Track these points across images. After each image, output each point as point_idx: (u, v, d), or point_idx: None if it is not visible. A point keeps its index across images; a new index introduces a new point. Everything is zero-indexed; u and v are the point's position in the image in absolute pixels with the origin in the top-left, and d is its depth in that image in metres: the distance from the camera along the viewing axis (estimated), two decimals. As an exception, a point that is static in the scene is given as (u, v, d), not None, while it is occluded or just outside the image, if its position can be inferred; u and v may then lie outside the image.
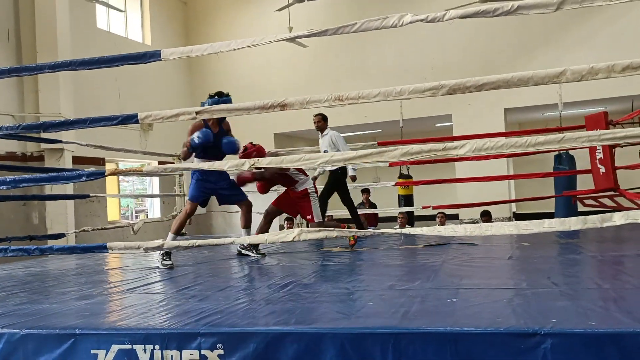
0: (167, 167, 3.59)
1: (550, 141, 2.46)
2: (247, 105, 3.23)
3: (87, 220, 9.87)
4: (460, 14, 2.68)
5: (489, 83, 2.56)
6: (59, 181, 3.88)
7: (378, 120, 12.00)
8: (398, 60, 11.93)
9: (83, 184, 9.23)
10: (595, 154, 7.07)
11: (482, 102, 10.99)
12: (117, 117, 3.18)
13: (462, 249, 4.71)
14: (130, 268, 4.83)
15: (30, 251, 3.51)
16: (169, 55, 3.15)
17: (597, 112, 7.41)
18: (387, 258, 4.70)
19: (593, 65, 2.34)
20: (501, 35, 11.17)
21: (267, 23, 12.51)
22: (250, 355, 2.25)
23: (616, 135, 2.41)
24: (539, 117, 13.07)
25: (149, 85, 12.11)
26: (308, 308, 2.77)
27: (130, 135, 11.19)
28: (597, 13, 10.29)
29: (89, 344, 2.38)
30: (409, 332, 2.16)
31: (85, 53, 8.03)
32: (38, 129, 3.66)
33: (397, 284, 3.22)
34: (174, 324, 2.46)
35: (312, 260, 4.65)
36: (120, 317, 2.77)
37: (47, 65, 3.49)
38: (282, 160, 3.12)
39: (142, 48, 12.01)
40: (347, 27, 2.92)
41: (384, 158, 2.79)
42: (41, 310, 2.99)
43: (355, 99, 2.83)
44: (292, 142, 13.55)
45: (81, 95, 10.05)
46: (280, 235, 3.09)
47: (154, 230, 10.31)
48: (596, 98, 10.42)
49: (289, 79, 12.62)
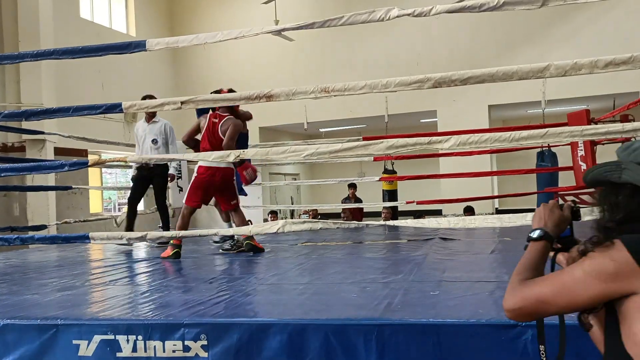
0: (151, 157, 3.57)
1: (533, 136, 2.49)
2: (232, 96, 3.22)
3: (69, 212, 9.76)
4: (447, 9, 2.70)
5: (474, 77, 2.58)
6: (41, 171, 3.84)
7: (363, 116, 12.02)
8: (384, 56, 11.95)
9: (65, 175, 9.11)
10: (577, 151, 7.16)
11: (467, 99, 11.07)
12: (101, 106, 3.15)
13: (444, 244, 4.75)
14: (112, 260, 4.79)
15: (11, 241, 3.47)
16: (154, 45, 3.12)
17: (579, 110, 7.50)
18: (370, 251, 4.72)
19: (577, 60, 2.37)
20: (486, 32, 11.25)
21: (253, 16, 12.44)
22: (234, 346, 2.25)
23: (598, 131, 2.44)
24: (523, 114, 13.19)
25: (132, 78, 11.97)
26: (292, 299, 2.78)
27: (113, 127, 11.06)
28: (580, 11, 10.40)
29: (71, 334, 2.36)
30: (392, 324, 2.18)
31: (68, 43, 7.89)
32: (20, 117, 3.61)
33: (381, 277, 3.23)
34: (157, 314, 2.45)
35: (296, 254, 4.65)
36: (103, 308, 2.75)
37: (30, 53, 3.44)
38: (268, 152, 3.12)
39: (126, 39, 11.86)
40: (334, 20, 2.92)
41: (370, 151, 2.80)
42: (22, 300, 2.96)
43: (342, 90, 2.83)
44: (277, 135, 13.51)
45: (64, 87, 9.91)
46: (265, 227, 3.09)
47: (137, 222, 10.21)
48: (579, 96, 10.54)
49: (274, 73, 12.57)
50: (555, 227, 1.40)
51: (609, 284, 1.17)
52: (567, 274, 1.25)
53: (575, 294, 1.21)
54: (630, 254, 1.15)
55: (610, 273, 1.16)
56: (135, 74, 12.07)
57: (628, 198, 1.24)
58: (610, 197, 1.27)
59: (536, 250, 1.37)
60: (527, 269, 1.33)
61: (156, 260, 4.62)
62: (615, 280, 1.16)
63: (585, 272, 1.20)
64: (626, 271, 1.15)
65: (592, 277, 1.18)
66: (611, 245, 1.19)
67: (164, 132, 5.62)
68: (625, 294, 1.16)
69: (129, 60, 10.79)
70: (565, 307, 1.24)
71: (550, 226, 1.39)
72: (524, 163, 10.56)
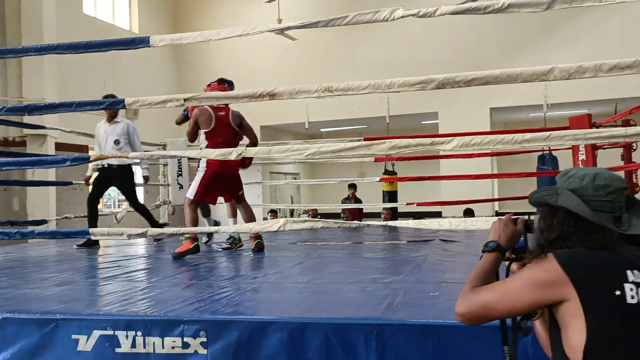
0: (153, 154, 3.56)
1: (536, 139, 2.48)
2: (235, 94, 3.22)
3: (68, 207, 9.75)
4: (452, 10, 2.69)
5: (478, 78, 2.58)
6: (43, 165, 3.83)
7: (364, 116, 12.03)
8: (387, 57, 11.95)
9: (65, 171, 9.12)
10: (578, 155, 7.16)
11: (469, 101, 11.07)
12: (104, 102, 3.15)
13: (444, 245, 4.75)
14: (112, 256, 4.79)
15: (11, 235, 3.47)
16: (158, 41, 3.12)
17: (581, 114, 7.50)
18: (370, 252, 4.73)
19: (581, 64, 2.37)
20: (489, 35, 11.25)
21: (257, 15, 12.44)
22: (233, 343, 2.25)
23: (601, 135, 2.44)
24: (524, 118, 13.20)
25: (135, 75, 11.98)
26: (292, 298, 2.78)
27: (114, 123, 11.06)
28: (584, 15, 10.40)
29: (70, 329, 2.36)
30: (393, 324, 2.17)
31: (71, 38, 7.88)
32: (22, 111, 3.60)
33: (381, 277, 3.23)
34: (156, 311, 2.45)
35: (296, 252, 4.65)
36: (102, 303, 2.75)
37: (33, 48, 3.43)
38: (270, 150, 3.12)
39: (129, 35, 11.86)
40: (339, 19, 2.91)
41: (372, 151, 2.79)
42: (21, 294, 2.96)
43: (345, 90, 2.83)
44: (278, 134, 13.52)
45: (65, 82, 9.91)
46: (265, 225, 3.08)
47: (137, 219, 10.21)
48: (580, 100, 10.55)
49: (276, 72, 12.58)
50: (508, 240, 1.55)
51: (542, 292, 1.33)
52: (508, 282, 1.41)
53: (514, 301, 1.36)
54: (561, 265, 1.32)
55: (544, 282, 1.33)
56: (138, 70, 12.07)
57: (562, 220, 1.40)
58: (547, 219, 1.44)
59: (489, 261, 1.54)
60: (479, 277, 1.50)
61: (155, 256, 4.63)
62: (548, 288, 1.32)
63: (523, 281, 1.36)
64: (557, 280, 1.31)
65: (529, 285, 1.35)
66: (545, 258, 1.36)
67: (126, 132, 5.41)
68: (558, 301, 1.32)
69: (132, 56, 10.77)
70: (506, 312, 1.40)
71: (503, 239, 1.55)
72: (525, 166, 10.56)
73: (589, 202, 1.38)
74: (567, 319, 1.31)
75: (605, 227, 1.37)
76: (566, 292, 1.30)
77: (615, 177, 1.43)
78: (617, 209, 1.40)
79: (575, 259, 1.34)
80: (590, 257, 1.34)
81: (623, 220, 1.39)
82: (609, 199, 1.39)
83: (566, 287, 1.30)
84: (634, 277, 1.30)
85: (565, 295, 1.30)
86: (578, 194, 1.40)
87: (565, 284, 1.30)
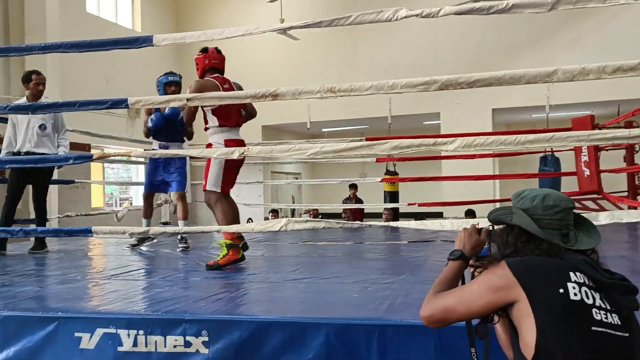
0: (156, 152, 3.57)
1: (539, 140, 2.48)
2: (238, 94, 3.22)
3: (70, 206, 9.76)
4: (455, 10, 2.69)
5: (481, 80, 2.58)
6: (46, 163, 3.84)
7: (366, 116, 12.02)
8: (389, 57, 11.94)
9: (68, 170, 9.10)
10: (581, 156, 7.16)
11: (471, 102, 11.05)
12: (107, 101, 3.15)
13: (445, 246, 4.74)
14: (113, 255, 4.80)
15: (14, 232, 3.48)
16: (161, 41, 3.12)
17: (584, 116, 7.49)
18: (371, 252, 4.73)
19: (584, 65, 2.37)
20: (492, 35, 11.24)
21: (259, 15, 12.44)
22: (235, 342, 2.25)
23: (605, 136, 2.44)
24: (527, 119, 13.18)
25: (136, 73, 11.97)
26: (293, 298, 2.78)
27: (116, 122, 11.06)
28: (587, 16, 10.38)
29: (73, 327, 2.37)
30: (394, 324, 2.18)
31: (74, 37, 7.90)
32: (26, 110, 3.61)
33: (382, 277, 3.23)
34: (158, 309, 2.45)
35: (297, 252, 4.65)
36: (104, 301, 2.76)
37: (37, 46, 3.44)
38: (272, 150, 3.12)
39: (132, 34, 11.86)
40: (342, 19, 2.91)
41: (374, 151, 2.80)
42: (23, 293, 2.96)
43: (347, 91, 2.83)
44: (280, 134, 13.52)
45: (67, 80, 9.92)
46: (267, 225, 3.08)
47: (138, 218, 10.20)
48: (583, 101, 10.53)
49: (278, 73, 12.57)
50: (471, 249, 1.68)
51: (495, 294, 1.46)
52: (466, 287, 1.56)
53: (471, 303, 1.50)
54: (511, 270, 1.46)
55: (497, 286, 1.47)
56: (139, 68, 12.07)
57: (515, 237, 1.55)
58: (503, 236, 1.58)
59: (453, 268, 1.67)
60: (442, 283, 1.63)
61: (156, 255, 4.63)
62: (500, 291, 1.46)
63: (479, 285, 1.51)
64: (508, 284, 1.45)
65: (484, 289, 1.49)
66: (498, 265, 1.52)
67: (53, 116, 4.74)
68: (510, 302, 1.45)
69: (133, 55, 10.76)
70: (465, 314, 1.53)
71: (467, 248, 1.68)
72: (527, 167, 10.55)
73: (538, 221, 1.53)
74: (520, 319, 1.43)
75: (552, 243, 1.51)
76: (516, 293, 1.43)
77: (563, 197, 1.58)
78: (565, 226, 1.54)
79: (524, 264, 1.49)
80: (537, 262, 1.48)
81: (570, 236, 1.54)
82: (557, 218, 1.53)
83: (516, 289, 1.43)
84: (576, 278, 1.44)
85: (515, 297, 1.43)
86: (529, 213, 1.55)
87: (515, 287, 1.43)
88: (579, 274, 1.45)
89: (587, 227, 1.61)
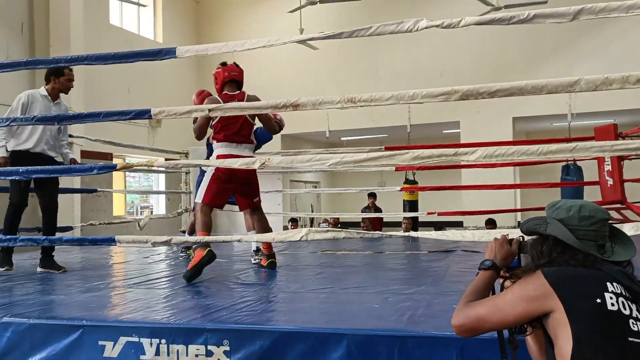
0: (178, 162, 3.61)
1: (562, 150, 2.46)
2: (260, 105, 3.25)
3: (92, 214, 9.90)
4: (476, 21, 2.69)
5: (502, 90, 2.57)
6: (72, 173, 3.90)
7: (385, 125, 12.00)
8: (408, 66, 11.93)
9: (91, 178, 9.26)
10: (604, 165, 7.05)
11: (491, 110, 10.97)
12: (130, 112, 3.20)
13: (466, 256, 4.71)
14: (134, 263, 4.85)
15: (39, 241, 3.54)
16: (185, 52, 3.17)
17: (606, 124, 7.39)
18: (391, 262, 4.71)
19: (607, 75, 2.34)
20: (512, 44, 11.16)
21: (279, 25, 12.54)
22: (256, 352, 2.26)
23: (629, 147, 2.41)
24: (548, 127, 13.04)
25: (158, 83, 12.15)
26: (314, 308, 2.78)
27: (137, 131, 11.22)
28: (608, 24, 10.27)
29: (97, 335, 2.40)
30: (416, 336, 2.17)
31: (98, 48, 8.05)
32: (52, 121, 3.68)
33: (402, 288, 3.22)
34: (180, 318, 2.47)
35: (317, 261, 4.65)
36: (127, 310, 2.79)
37: (63, 58, 3.52)
38: (293, 160, 3.14)
39: (154, 45, 12.05)
40: (362, 30, 2.92)
41: (395, 161, 2.79)
42: (48, 301, 3.01)
43: (368, 101, 2.84)
44: (299, 143, 13.56)
45: (91, 91, 10.08)
46: (288, 235, 3.10)
47: (159, 226, 10.34)
48: (606, 110, 10.39)
49: (298, 82, 12.63)
50: (502, 259, 1.67)
51: (531, 304, 1.45)
52: (500, 297, 1.54)
53: (505, 313, 1.48)
54: (547, 280, 1.45)
55: (532, 295, 1.45)
56: (161, 79, 12.24)
57: (550, 248, 1.55)
58: (537, 246, 1.58)
59: (484, 278, 1.66)
60: (473, 292, 1.62)
61: (177, 263, 4.66)
62: (536, 301, 1.45)
63: (513, 295, 1.50)
64: (544, 293, 1.44)
65: (519, 299, 1.47)
66: (533, 274, 1.51)
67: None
68: (546, 312, 1.44)
69: (155, 66, 10.94)
70: (498, 323, 1.51)
71: (498, 259, 1.67)
72: (548, 176, 10.43)
73: (574, 231, 1.52)
74: (556, 329, 1.42)
75: (589, 253, 1.50)
76: (552, 303, 1.42)
77: (599, 208, 1.58)
78: (600, 237, 1.54)
79: (560, 274, 1.48)
80: (573, 272, 1.48)
81: (606, 248, 1.53)
82: (593, 229, 1.53)
83: (552, 299, 1.42)
84: (613, 289, 1.42)
85: (551, 307, 1.42)
86: (565, 224, 1.54)
87: (551, 296, 1.43)
88: (616, 284, 1.44)
89: (622, 239, 1.59)
